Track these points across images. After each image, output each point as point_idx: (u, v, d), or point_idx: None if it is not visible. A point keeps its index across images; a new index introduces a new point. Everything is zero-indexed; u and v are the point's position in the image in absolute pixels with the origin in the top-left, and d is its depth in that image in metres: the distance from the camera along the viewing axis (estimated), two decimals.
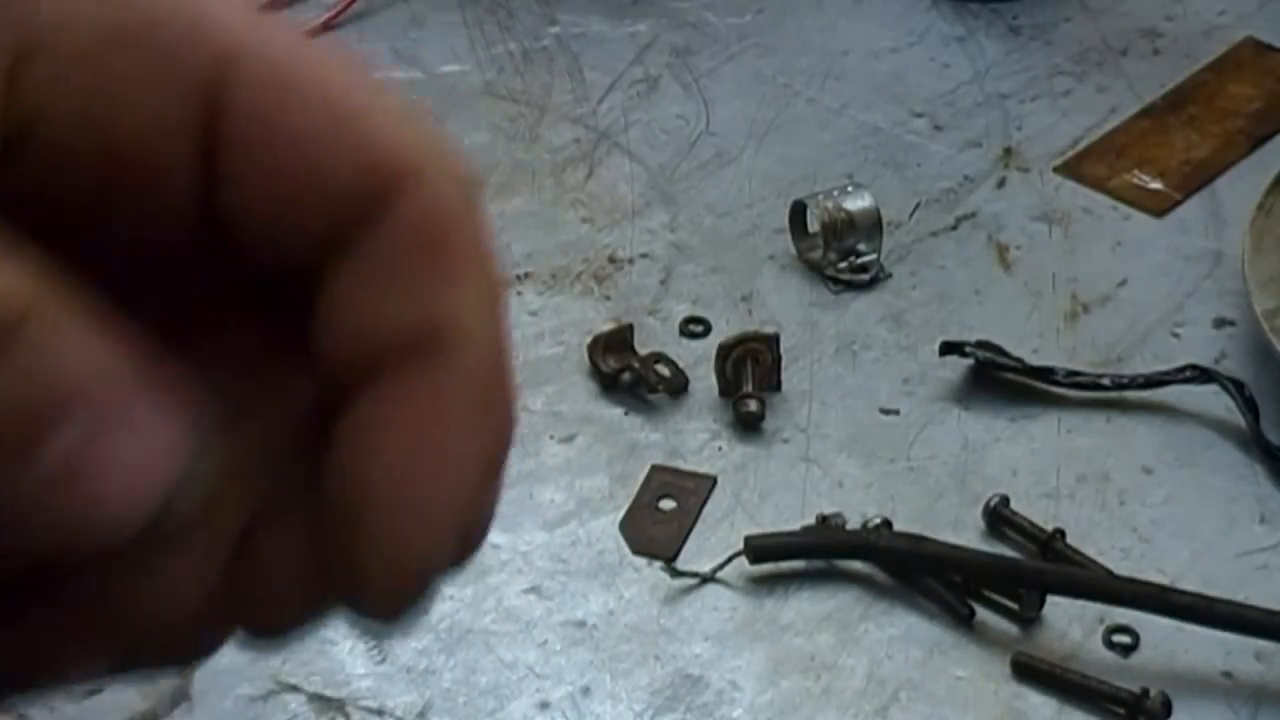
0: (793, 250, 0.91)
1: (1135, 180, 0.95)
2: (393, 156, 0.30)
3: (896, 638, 0.75)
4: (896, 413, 0.84)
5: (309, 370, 0.31)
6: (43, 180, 0.29)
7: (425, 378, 0.30)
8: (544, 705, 0.73)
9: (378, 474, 0.29)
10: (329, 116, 0.30)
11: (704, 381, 0.84)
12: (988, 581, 0.76)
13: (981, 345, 0.84)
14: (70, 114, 0.29)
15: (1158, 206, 0.94)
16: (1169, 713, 0.72)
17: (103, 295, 0.28)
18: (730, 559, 0.77)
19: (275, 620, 0.31)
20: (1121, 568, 0.77)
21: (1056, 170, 0.96)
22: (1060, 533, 0.78)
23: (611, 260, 0.91)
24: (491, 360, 0.30)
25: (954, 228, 0.93)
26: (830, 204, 0.89)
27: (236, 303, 0.32)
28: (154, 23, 0.29)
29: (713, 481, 0.81)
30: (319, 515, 0.30)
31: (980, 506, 0.79)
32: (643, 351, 0.85)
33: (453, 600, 0.76)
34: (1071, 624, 0.75)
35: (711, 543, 0.78)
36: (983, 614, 0.75)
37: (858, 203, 0.90)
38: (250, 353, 0.32)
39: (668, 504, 0.80)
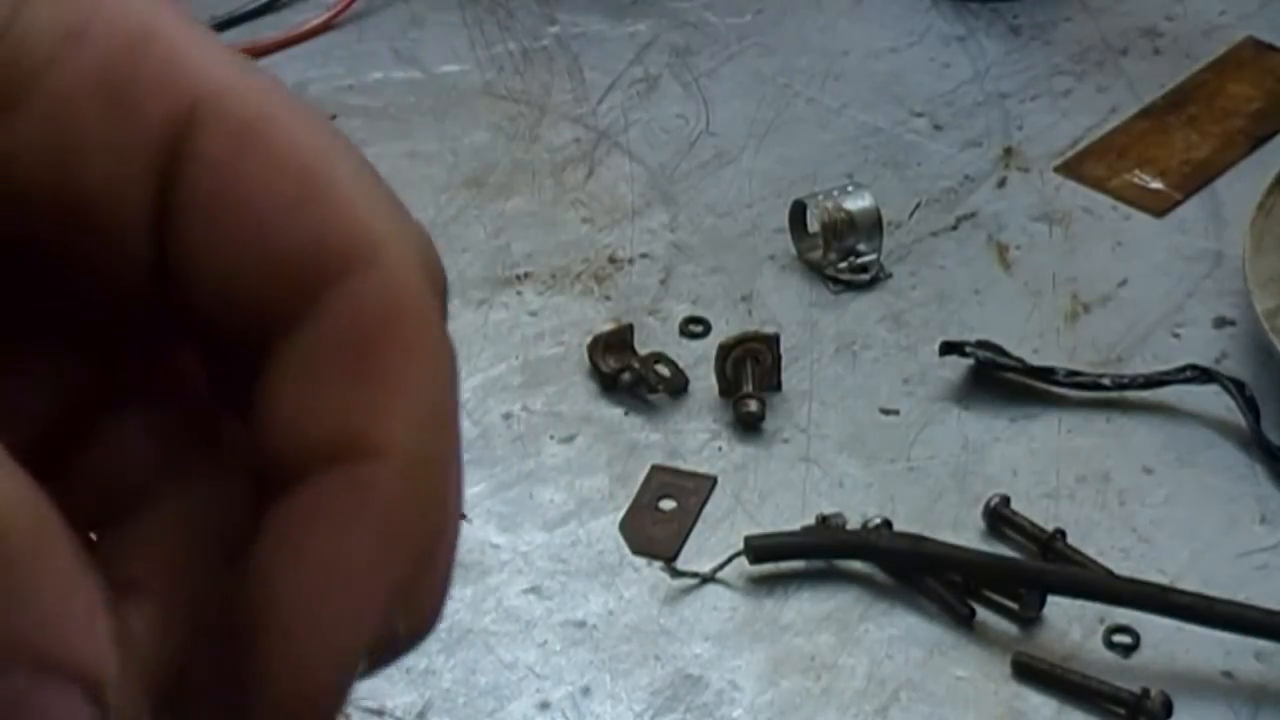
0: (793, 250, 0.91)
1: (1135, 180, 0.95)
2: (349, 233, 0.28)
3: (896, 638, 0.75)
4: (896, 413, 0.84)
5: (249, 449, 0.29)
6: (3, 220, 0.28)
7: (343, 491, 0.28)
8: (544, 705, 0.73)
9: (277, 596, 0.27)
10: (289, 179, 0.28)
11: (704, 381, 0.84)
12: (988, 581, 0.76)
13: (981, 345, 0.84)
14: (42, 157, 0.28)
15: (1158, 206, 0.93)
16: (1169, 713, 0.72)
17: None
18: (730, 559, 0.77)
19: None
20: (1122, 568, 0.77)
21: (1057, 170, 0.95)
22: (1060, 533, 0.77)
23: (611, 260, 0.91)
24: (417, 475, 0.28)
25: (954, 228, 0.93)
26: (830, 204, 0.89)
27: (183, 364, 0.30)
28: (128, 62, 0.28)
29: (713, 481, 0.81)
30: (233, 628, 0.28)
31: (980, 506, 0.79)
32: (643, 351, 0.85)
33: (453, 600, 0.76)
34: (1072, 624, 0.75)
35: (711, 543, 0.78)
36: (983, 614, 0.75)
37: (858, 203, 0.89)
38: (194, 420, 0.30)
39: (668, 504, 0.80)
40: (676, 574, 0.77)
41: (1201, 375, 0.83)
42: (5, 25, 0.28)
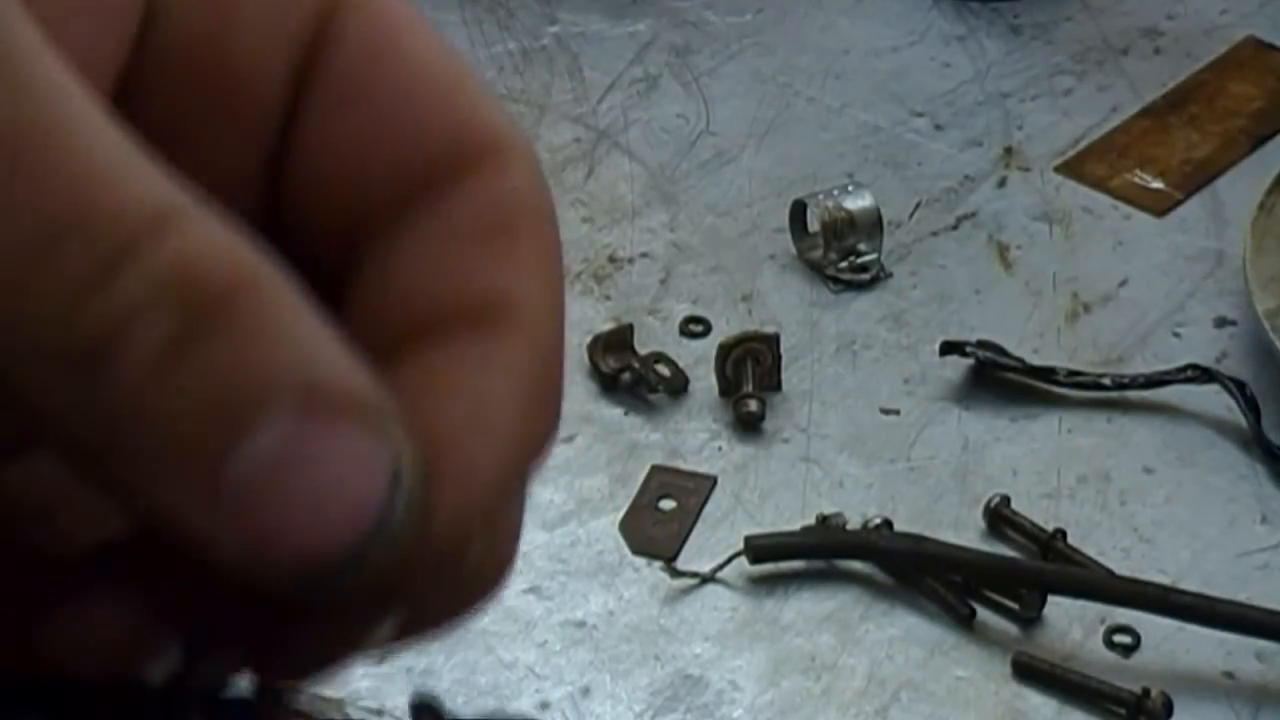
0: (793, 250, 0.91)
1: (1136, 180, 0.95)
2: (491, 129, 0.28)
3: (897, 638, 0.75)
4: (897, 413, 0.84)
5: None
6: (144, 81, 0.28)
7: (491, 344, 0.27)
8: (544, 705, 0.73)
9: (432, 420, 0.26)
10: (434, 70, 0.28)
11: (704, 381, 0.84)
12: (988, 581, 0.76)
13: (982, 345, 0.84)
14: (195, 19, 0.28)
15: (1158, 206, 0.93)
16: (1170, 713, 0.72)
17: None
18: (730, 559, 0.77)
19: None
20: (1122, 568, 0.76)
21: (1057, 170, 0.95)
22: (1061, 533, 0.77)
23: (611, 260, 0.91)
24: (549, 345, 0.28)
25: (954, 227, 0.93)
26: (830, 203, 0.89)
27: None
28: None
29: (713, 481, 0.81)
30: None
31: (981, 506, 0.79)
32: (643, 351, 0.85)
33: None
34: (1072, 624, 0.75)
35: (711, 543, 0.78)
36: (983, 614, 0.75)
37: (858, 202, 0.89)
38: None
39: (668, 504, 0.80)
40: (676, 574, 0.77)
41: (1202, 375, 0.83)
42: None
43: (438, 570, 0.27)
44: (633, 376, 0.84)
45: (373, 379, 0.25)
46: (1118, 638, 0.75)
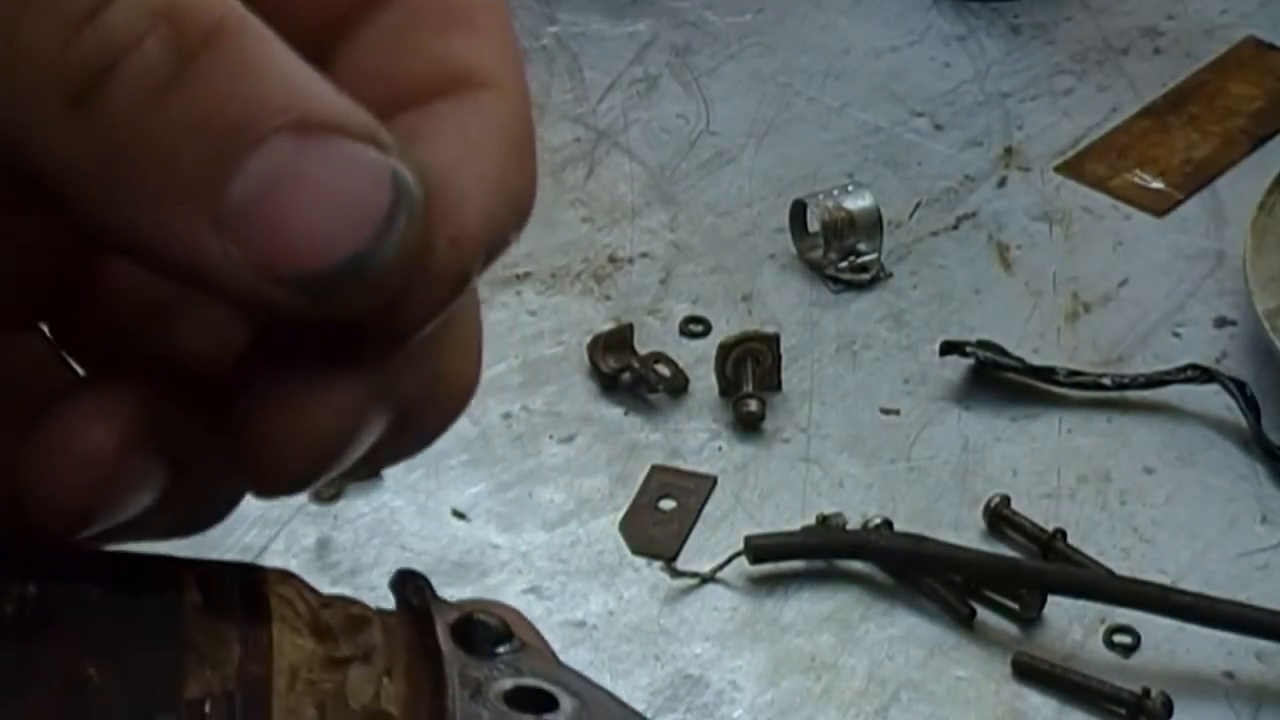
0: (793, 250, 0.90)
1: (1136, 180, 0.95)
2: None
3: (897, 638, 0.75)
4: (897, 413, 0.84)
5: None
6: None
7: (459, 107, 0.28)
8: None
9: (429, 167, 0.27)
10: None
11: (704, 381, 0.84)
12: (988, 581, 0.76)
13: (982, 345, 0.84)
14: None
15: (1159, 206, 0.93)
16: (1170, 713, 0.72)
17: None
18: (730, 559, 0.77)
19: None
20: (1123, 568, 0.76)
21: (1057, 170, 0.95)
22: (1061, 533, 0.77)
23: (611, 260, 0.91)
24: (522, 103, 0.29)
25: (954, 227, 0.92)
26: (830, 203, 0.89)
27: None
28: None
29: (713, 481, 0.81)
30: None
31: (981, 506, 0.79)
32: (643, 351, 0.85)
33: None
34: (1072, 624, 0.75)
35: (711, 543, 0.78)
36: (983, 614, 0.75)
37: (858, 202, 0.89)
38: None
39: (668, 504, 0.80)
40: (676, 574, 0.77)
41: (1202, 375, 0.83)
42: None
43: (437, 308, 0.27)
44: (633, 376, 0.84)
45: (365, 111, 0.26)
46: (1118, 638, 0.75)
